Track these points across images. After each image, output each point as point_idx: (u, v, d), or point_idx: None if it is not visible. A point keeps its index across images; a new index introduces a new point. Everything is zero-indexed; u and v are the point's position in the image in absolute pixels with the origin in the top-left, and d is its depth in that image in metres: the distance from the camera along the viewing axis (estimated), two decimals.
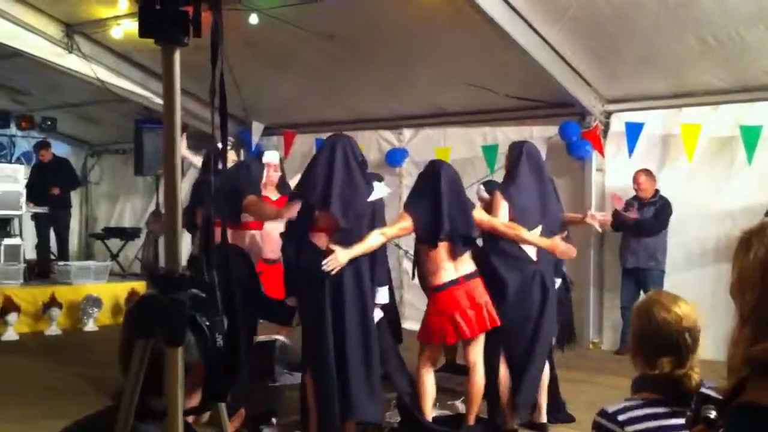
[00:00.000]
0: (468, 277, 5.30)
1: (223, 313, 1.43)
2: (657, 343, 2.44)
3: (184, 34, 1.43)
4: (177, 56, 1.45)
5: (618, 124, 8.68)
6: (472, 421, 5.41)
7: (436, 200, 5.28)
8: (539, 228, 5.60)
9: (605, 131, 8.82)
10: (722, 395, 1.71)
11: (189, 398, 1.50)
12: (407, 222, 5.30)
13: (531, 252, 5.56)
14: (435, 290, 5.33)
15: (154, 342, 1.41)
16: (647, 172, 8.30)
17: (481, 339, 5.37)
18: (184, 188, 9.20)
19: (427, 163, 5.72)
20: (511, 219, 5.53)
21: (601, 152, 8.78)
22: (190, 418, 1.62)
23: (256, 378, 5.81)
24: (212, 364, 1.42)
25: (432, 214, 5.28)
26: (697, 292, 6.17)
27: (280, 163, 7.09)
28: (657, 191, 8.27)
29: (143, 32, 1.44)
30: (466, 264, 5.35)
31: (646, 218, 8.16)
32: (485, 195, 6.31)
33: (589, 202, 8.76)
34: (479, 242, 5.62)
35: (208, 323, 1.40)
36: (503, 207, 5.54)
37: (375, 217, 5.17)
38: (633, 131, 8.38)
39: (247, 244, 6.02)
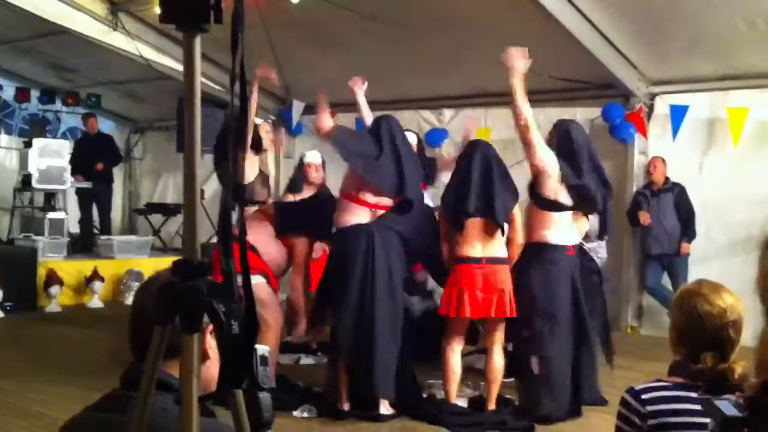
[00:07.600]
0: (492, 261, 5.22)
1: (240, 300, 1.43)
2: (700, 338, 2.36)
3: (205, 21, 1.42)
4: (198, 42, 1.44)
5: (663, 106, 8.53)
6: (492, 404, 5.35)
7: (465, 179, 5.26)
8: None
9: (649, 114, 8.67)
10: (751, 393, 1.68)
11: None
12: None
13: (566, 239, 5.47)
14: (455, 261, 5.29)
15: (171, 328, 1.42)
16: (662, 160, 8.29)
17: (497, 323, 5.32)
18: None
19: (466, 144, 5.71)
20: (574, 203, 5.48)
21: (645, 135, 8.64)
22: None
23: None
24: (229, 351, 1.42)
25: (459, 192, 5.26)
26: (741, 278, 6.02)
27: (322, 164, 7.10)
28: (668, 178, 8.25)
29: (165, 18, 1.44)
30: (496, 247, 5.28)
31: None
32: None
33: (632, 185, 8.65)
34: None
35: (224, 310, 1.40)
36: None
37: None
38: (677, 114, 8.24)
39: None
